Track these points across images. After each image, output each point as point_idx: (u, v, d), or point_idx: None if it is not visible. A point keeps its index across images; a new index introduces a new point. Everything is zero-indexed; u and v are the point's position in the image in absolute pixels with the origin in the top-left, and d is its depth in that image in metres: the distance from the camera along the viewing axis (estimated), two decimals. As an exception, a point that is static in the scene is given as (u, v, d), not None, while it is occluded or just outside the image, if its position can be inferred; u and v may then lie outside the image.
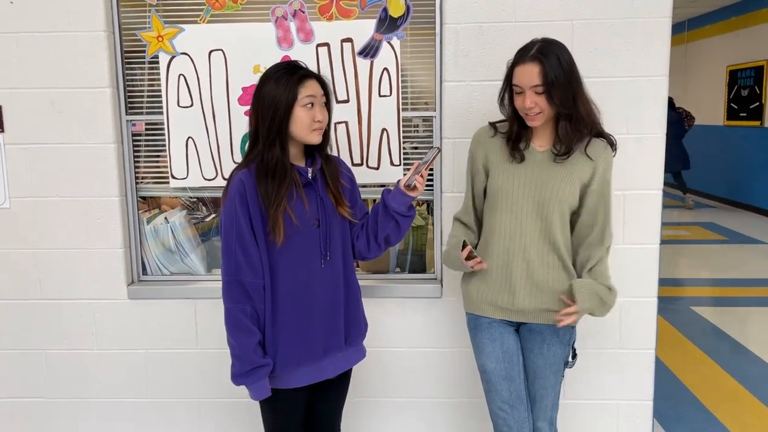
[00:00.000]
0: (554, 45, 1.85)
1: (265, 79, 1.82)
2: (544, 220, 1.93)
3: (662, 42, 2.36)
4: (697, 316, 4.73)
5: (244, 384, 1.84)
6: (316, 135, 1.86)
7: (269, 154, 1.80)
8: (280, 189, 1.79)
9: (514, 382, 2.00)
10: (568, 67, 1.83)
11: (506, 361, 2.01)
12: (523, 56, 1.85)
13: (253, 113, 1.85)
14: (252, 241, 1.81)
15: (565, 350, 2.03)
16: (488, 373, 2.02)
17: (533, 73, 1.81)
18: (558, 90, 1.81)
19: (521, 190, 1.95)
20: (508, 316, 2.02)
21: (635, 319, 2.53)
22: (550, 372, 2.02)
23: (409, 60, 2.54)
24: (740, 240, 7.28)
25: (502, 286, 2.00)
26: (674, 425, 3.13)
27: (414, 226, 2.67)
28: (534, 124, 1.90)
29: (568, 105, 1.83)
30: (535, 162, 1.95)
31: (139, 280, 2.70)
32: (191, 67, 2.52)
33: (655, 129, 2.40)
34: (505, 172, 1.97)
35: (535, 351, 2.02)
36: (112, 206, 2.59)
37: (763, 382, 3.59)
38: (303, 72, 1.83)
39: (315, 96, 1.82)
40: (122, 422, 2.76)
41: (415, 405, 2.68)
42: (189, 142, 2.57)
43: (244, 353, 1.81)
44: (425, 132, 2.62)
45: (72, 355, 2.70)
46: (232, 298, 1.82)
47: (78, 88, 2.51)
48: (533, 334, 2.02)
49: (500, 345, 2.02)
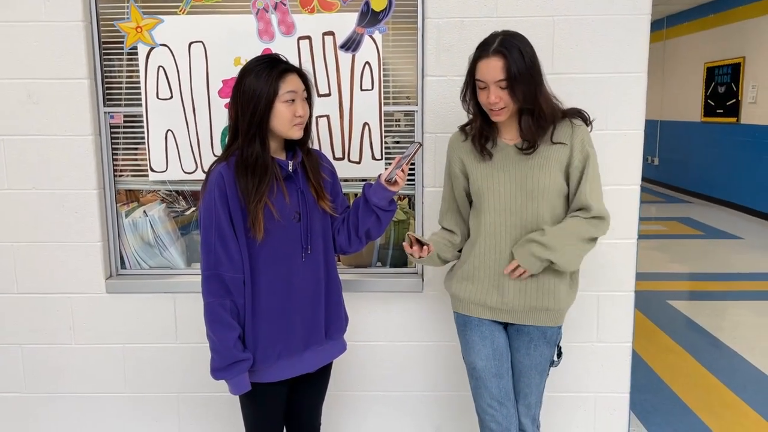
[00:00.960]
0: (516, 38, 1.82)
1: (245, 73, 1.80)
2: (533, 213, 1.91)
3: (641, 39, 2.38)
4: (673, 309, 4.80)
5: (224, 378, 1.83)
6: (297, 130, 1.85)
7: (249, 150, 1.78)
8: (261, 185, 1.78)
9: (503, 380, 2.01)
10: (531, 60, 1.81)
11: (496, 359, 2.01)
12: (485, 50, 1.82)
13: (232, 106, 1.83)
14: (231, 235, 1.80)
15: (552, 350, 2.03)
16: (478, 370, 2.02)
17: (497, 68, 1.79)
18: (521, 84, 1.79)
19: (504, 187, 1.93)
20: (497, 316, 2.01)
21: (613, 314, 2.56)
22: (535, 372, 2.03)
23: (390, 54, 2.53)
24: (716, 235, 7.40)
25: (490, 285, 1.98)
26: (650, 417, 3.18)
27: (395, 221, 2.68)
28: (499, 119, 1.88)
29: (530, 99, 1.82)
30: (508, 157, 1.94)
31: (117, 274, 2.67)
32: (171, 58, 2.50)
33: (633, 125, 2.42)
34: (482, 173, 1.96)
35: (521, 351, 2.02)
36: (89, 199, 2.55)
37: (737, 374, 3.66)
38: (284, 66, 1.81)
39: (296, 92, 1.81)
40: (101, 417, 2.73)
41: (395, 399, 2.69)
42: (168, 135, 2.55)
43: (224, 347, 1.80)
44: (407, 126, 2.62)
45: (49, 350, 2.67)
46: (212, 292, 1.81)
47: (55, 79, 2.47)
48: (521, 334, 2.02)
49: (491, 343, 2.01)
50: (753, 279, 5.62)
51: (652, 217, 8.44)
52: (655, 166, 11.06)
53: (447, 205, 2.13)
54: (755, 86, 8.14)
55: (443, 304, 2.59)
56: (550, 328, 2.00)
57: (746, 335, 4.27)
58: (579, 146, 1.91)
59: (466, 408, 2.66)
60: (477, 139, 1.96)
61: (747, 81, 8.32)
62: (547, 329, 2.00)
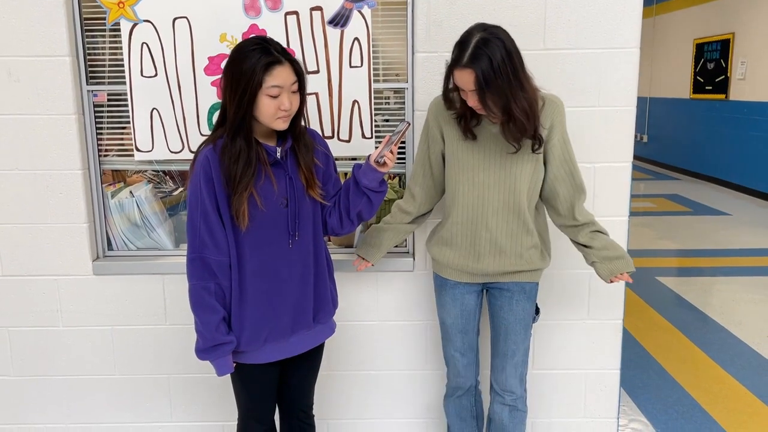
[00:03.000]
0: (489, 44, 1.78)
1: (236, 57, 1.73)
2: (511, 190, 2.00)
3: (634, 13, 2.35)
4: (662, 286, 4.84)
5: (207, 359, 1.84)
6: (281, 122, 1.79)
7: (233, 144, 1.75)
8: (244, 177, 1.75)
9: (468, 335, 2.22)
10: (500, 68, 1.78)
11: (463, 318, 2.19)
12: (458, 60, 1.82)
13: (223, 89, 1.78)
14: (217, 219, 1.78)
15: (532, 305, 2.17)
16: (446, 325, 2.23)
17: (469, 80, 1.82)
18: (492, 95, 1.81)
19: (482, 163, 2.00)
20: (472, 279, 2.15)
21: (603, 291, 2.56)
22: (520, 327, 2.15)
23: (380, 30, 2.49)
24: (704, 211, 7.45)
25: (467, 252, 2.10)
26: (640, 392, 3.21)
27: (387, 200, 2.65)
28: (484, 113, 1.92)
29: (501, 107, 1.83)
30: (491, 135, 1.99)
31: (104, 256, 2.63)
32: (155, 35, 2.43)
33: (625, 101, 2.40)
34: (462, 149, 2.03)
35: (505, 308, 2.15)
36: (74, 180, 2.51)
37: (725, 350, 3.70)
38: (273, 58, 1.72)
39: (282, 86, 1.74)
40: (90, 399, 2.72)
41: (386, 377, 2.69)
42: (154, 114, 2.50)
43: (207, 330, 1.80)
44: (396, 104, 2.58)
45: (36, 332, 2.64)
46: (196, 275, 1.80)
47: (36, 56, 2.41)
48: (502, 292, 2.15)
49: (460, 304, 2.18)
50: (740, 255, 5.67)
51: (640, 194, 8.47)
52: (644, 143, 11.08)
53: (420, 168, 2.19)
54: (744, 62, 8.14)
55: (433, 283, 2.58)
56: (527, 283, 2.15)
57: (734, 311, 4.31)
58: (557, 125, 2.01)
59: (457, 386, 2.66)
60: (462, 120, 1.99)
61: (736, 57, 8.32)
62: (525, 285, 2.14)
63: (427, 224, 2.41)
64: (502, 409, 2.21)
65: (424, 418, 2.74)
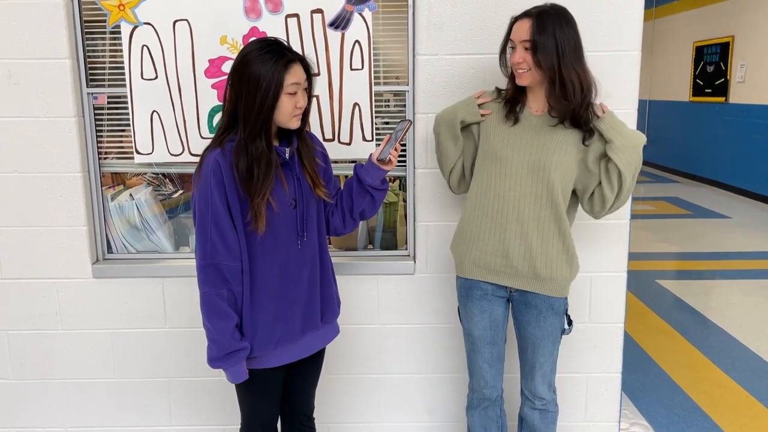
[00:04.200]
0: (555, 11, 1.87)
1: (249, 59, 1.71)
2: (544, 183, 1.96)
3: (635, 16, 2.34)
4: (662, 288, 4.83)
5: (222, 368, 1.80)
6: (297, 121, 1.81)
7: (253, 146, 1.73)
8: (266, 180, 1.73)
9: (496, 347, 2.14)
10: (562, 29, 1.84)
11: (492, 329, 2.12)
12: (522, 12, 1.91)
13: (232, 93, 1.75)
14: (229, 224, 1.75)
15: (561, 319, 2.09)
16: (474, 337, 2.14)
17: (524, 28, 1.86)
18: (543, 50, 1.84)
19: (516, 153, 1.98)
20: (500, 279, 2.06)
21: (605, 294, 2.56)
22: (548, 342, 2.10)
23: (380, 32, 2.48)
24: (704, 214, 7.44)
25: (495, 249, 2.03)
26: (640, 395, 3.20)
27: (386, 203, 2.65)
28: (521, 82, 1.94)
29: (550, 67, 1.85)
30: (531, 125, 1.99)
31: (104, 259, 2.63)
32: (155, 37, 2.43)
33: (627, 104, 2.40)
34: (499, 134, 2.01)
35: (532, 323, 2.08)
36: (74, 182, 2.50)
37: (726, 353, 3.70)
38: (290, 56, 1.73)
39: (299, 83, 1.76)
40: (90, 403, 2.71)
41: (387, 381, 2.68)
42: (154, 116, 2.49)
43: (222, 337, 1.77)
44: (397, 107, 2.58)
45: (36, 336, 2.63)
46: (208, 282, 1.77)
47: (36, 59, 2.40)
48: (529, 308, 2.07)
49: (489, 315, 2.10)
50: (740, 258, 5.66)
51: (640, 197, 8.47)
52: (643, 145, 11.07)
53: None
54: (744, 65, 8.14)
55: (435, 286, 2.57)
56: (556, 299, 2.05)
57: (734, 314, 4.31)
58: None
59: (458, 390, 2.65)
60: (509, 102, 2.02)
61: (736, 60, 8.32)
62: (553, 301, 2.05)
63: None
64: (533, 413, 2.20)
65: (425, 422, 2.73)
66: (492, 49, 2.36)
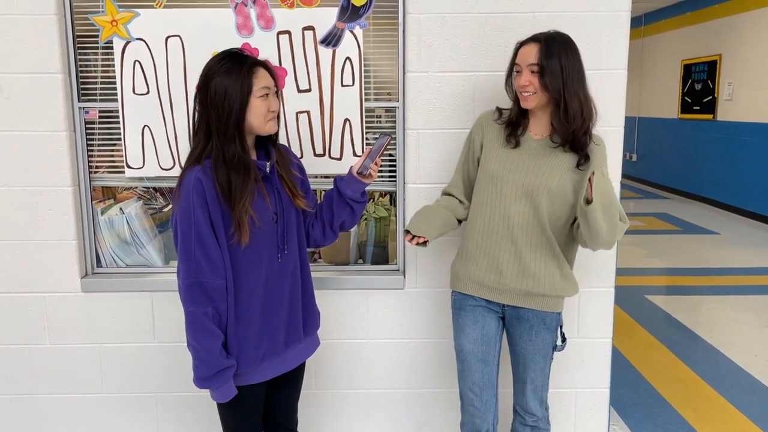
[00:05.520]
0: (560, 34, 1.94)
1: (212, 73, 1.74)
2: (533, 206, 1.98)
3: (622, 36, 2.39)
4: (651, 304, 4.85)
5: (210, 387, 1.78)
6: (273, 125, 1.82)
7: (229, 150, 1.74)
8: (245, 186, 1.74)
9: (488, 366, 2.09)
10: (567, 55, 1.90)
11: (484, 344, 2.08)
12: (529, 38, 1.96)
13: (202, 109, 1.77)
14: (213, 240, 1.74)
15: (553, 335, 2.09)
16: (465, 353, 2.10)
17: (531, 52, 1.91)
18: (550, 74, 1.87)
19: (512, 174, 2.00)
20: (493, 296, 2.07)
21: (593, 310, 2.58)
22: (539, 357, 2.09)
23: (371, 50, 2.51)
24: (693, 230, 7.49)
25: (489, 266, 2.05)
26: (629, 410, 3.20)
27: (377, 218, 2.66)
28: (527, 105, 1.96)
29: (557, 91, 1.89)
30: (529, 149, 2.01)
31: (93, 273, 2.62)
32: (147, 53, 2.45)
33: (614, 121, 2.43)
34: (498, 157, 2.04)
35: (524, 338, 2.08)
36: (64, 196, 2.50)
37: (714, 369, 3.71)
38: (252, 61, 1.76)
39: (269, 87, 1.78)
40: (77, 417, 2.69)
41: (376, 397, 2.68)
42: (145, 131, 2.50)
43: (210, 356, 1.75)
44: (388, 123, 2.60)
45: (24, 350, 2.62)
46: (193, 301, 1.75)
47: (28, 73, 2.41)
48: (521, 321, 2.07)
49: (481, 327, 2.08)
50: (728, 274, 5.70)
51: (629, 213, 8.51)
52: (633, 162, 11.17)
53: (460, 175, 2.19)
54: (731, 83, 8.25)
55: (425, 300, 2.58)
56: (549, 314, 2.06)
57: (723, 329, 4.33)
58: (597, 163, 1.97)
59: (447, 405, 2.65)
60: (510, 125, 2.05)
61: (723, 78, 8.43)
62: (545, 315, 2.05)
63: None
64: (523, 429, 2.19)
65: (413, 437, 2.72)
66: (480, 67, 2.40)
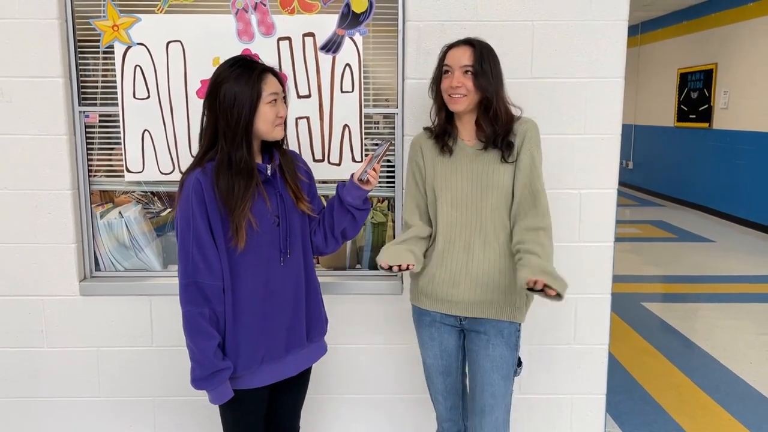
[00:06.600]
0: (487, 44, 1.98)
1: (222, 79, 1.76)
2: (486, 210, 1.96)
3: (619, 44, 2.41)
4: (647, 311, 4.87)
5: (205, 388, 1.79)
6: (280, 130, 1.84)
7: (236, 154, 1.76)
8: (246, 191, 1.76)
9: (450, 376, 2.11)
10: (495, 61, 1.95)
11: (444, 359, 2.09)
12: (458, 41, 1.98)
13: (210, 116, 1.79)
14: (210, 243, 1.76)
15: (512, 354, 2.00)
16: (426, 366, 2.14)
17: (465, 54, 1.92)
18: (483, 76, 1.90)
19: (459, 182, 1.99)
20: (447, 308, 2.03)
21: (589, 316, 2.59)
22: (498, 376, 1.97)
23: (371, 56, 2.53)
24: (689, 238, 7.52)
25: (444, 278, 2.01)
26: (625, 417, 3.21)
27: (375, 223, 2.68)
28: (456, 108, 1.94)
29: (490, 92, 1.91)
30: (467, 155, 1.99)
31: (91, 276, 2.63)
32: (148, 58, 2.46)
33: (610, 129, 2.45)
34: (440, 166, 2.02)
35: (481, 353, 1.99)
36: (64, 200, 2.51)
37: (710, 376, 3.72)
38: (261, 67, 1.79)
39: (278, 93, 1.80)
40: (75, 421, 2.68)
41: (375, 401, 2.69)
42: (145, 135, 2.52)
43: (205, 357, 1.76)
44: (386, 129, 2.62)
45: (21, 353, 2.62)
46: (190, 301, 1.77)
47: (29, 77, 2.43)
48: (479, 335, 2.00)
49: (438, 344, 2.08)
50: (724, 281, 5.72)
51: (626, 220, 8.55)
52: (629, 169, 11.21)
53: (414, 201, 2.11)
54: (727, 92, 8.29)
55: (422, 306, 2.59)
56: (505, 324, 1.98)
57: (719, 337, 4.34)
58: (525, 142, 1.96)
59: (444, 410, 2.66)
60: (440, 135, 2.03)
61: (719, 87, 8.47)
62: (502, 326, 1.98)
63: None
64: None
65: (410, 443, 2.73)
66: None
